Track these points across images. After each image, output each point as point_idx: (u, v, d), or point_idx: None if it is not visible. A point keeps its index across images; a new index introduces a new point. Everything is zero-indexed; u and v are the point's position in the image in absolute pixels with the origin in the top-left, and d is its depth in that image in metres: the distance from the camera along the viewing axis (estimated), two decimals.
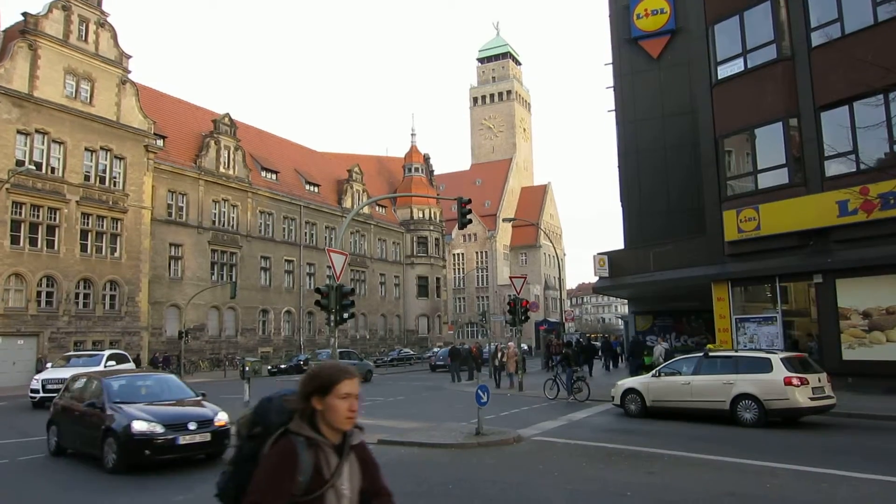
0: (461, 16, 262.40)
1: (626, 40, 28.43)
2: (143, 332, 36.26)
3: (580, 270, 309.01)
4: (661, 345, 23.21)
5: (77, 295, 33.05)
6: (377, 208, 61.28)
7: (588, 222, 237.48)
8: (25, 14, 31.88)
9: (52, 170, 32.50)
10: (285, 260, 48.91)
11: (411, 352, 52.71)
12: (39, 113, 31.77)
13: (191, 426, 9.65)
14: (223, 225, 43.85)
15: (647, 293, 26.86)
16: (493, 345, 28.51)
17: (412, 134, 68.38)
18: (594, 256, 26.06)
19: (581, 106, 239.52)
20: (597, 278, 26.55)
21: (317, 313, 47.72)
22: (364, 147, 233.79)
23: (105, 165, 34.95)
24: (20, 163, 30.24)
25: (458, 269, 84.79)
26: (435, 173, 72.18)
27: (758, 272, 19.12)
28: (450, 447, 11.28)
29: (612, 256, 25.80)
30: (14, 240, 30.50)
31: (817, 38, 18.06)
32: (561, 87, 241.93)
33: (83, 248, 33.43)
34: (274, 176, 49.89)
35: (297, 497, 2.24)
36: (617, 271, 25.25)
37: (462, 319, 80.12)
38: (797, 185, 18.05)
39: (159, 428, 9.39)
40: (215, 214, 43.31)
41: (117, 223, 35.25)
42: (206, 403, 10.78)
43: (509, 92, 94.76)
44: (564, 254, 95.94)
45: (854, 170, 16.63)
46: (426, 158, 68.00)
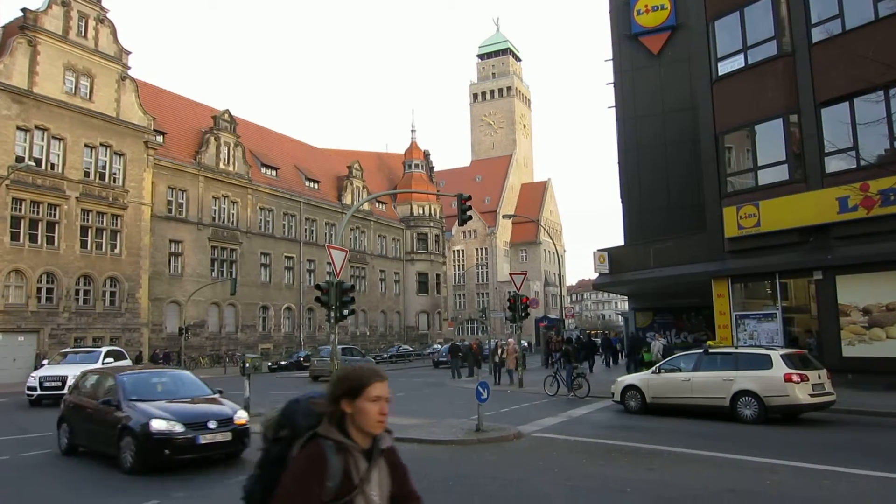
0: (461, 12, 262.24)
1: (627, 36, 28.39)
2: (144, 329, 36.29)
3: (580, 267, 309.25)
4: (660, 341, 23.29)
5: (77, 291, 33.07)
6: (377, 205, 61.25)
7: (588, 219, 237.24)
8: (25, 10, 31.80)
9: (52, 166, 32.49)
10: (285, 256, 48.91)
11: (410, 348, 52.75)
12: (39, 109, 31.74)
13: (211, 425, 9.32)
14: (223, 221, 43.82)
15: (648, 290, 26.87)
16: (494, 341, 28.53)
17: (412, 130, 68.27)
18: (594, 253, 26.08)
19: (581, 102, 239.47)
20: (597, 275, 26.56)
21: (317, 310, 47.71)
22: (364, 143, 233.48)
23: (105, 162, 34.94)
24: (20, 159, 30.26)
25: (458, 266, 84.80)
26: (435, 170, 72.06)
27: (758, 269, 19.13)
28: (450, 444, 11.30)
29: (613, 253, 25.81)
30: (14, 236, 30.49)
31: (818, 34, 18.04)
32: (561, 84, 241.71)
33: (83, 245, 33.43)
34: (274, 172, 49.85)
35: (326, 503, 2.19)
36: (617, 268, 25.26)
37: (462, 316, 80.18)
38: (797, 182, 18.05)
39: (179, 427, 9.04)
40: (215, 211, 43.28)
41: (117, 219, 35.25)
42: (224, 401, 10.47)
43: (509, 88, 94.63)
44: (564, 250, 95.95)
45: (854, 166, 16.66)
46: (426, 155, 67.91)
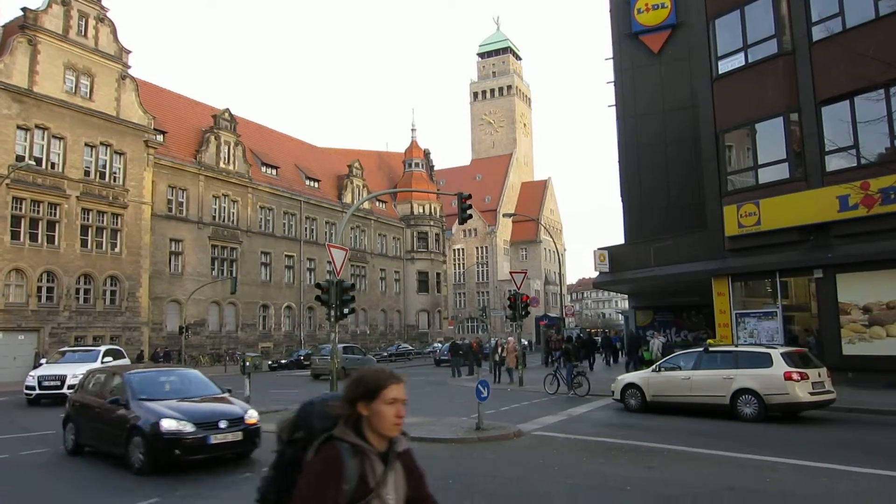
0: (461, 11, 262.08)
1: (627, 35, 28.36)
2: (144, 328, 36.31)
3: (580, 265, 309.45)
4: (658, 339, 23.29)
5: (77, 290, 33.08)
6: (377, 203, 61.25)
7: (588, 217, 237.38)
8: (25, 9, 31.79)
9: (52, 165, 32.50)
10: (285, 255, 48.91)
11: (410, 347, 52.77)
12: (39, 108, 31.74)
13: (221, 424, 9.19)
14: (223, 220, 43.82)
15: (648, 288, 26.86)
16: (494, 340, 28.53)
17: (412, 129, 68.21)
18: (594, 251, 26.09)
19: (581, 101, 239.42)
20: (597, 273, 26.56)
21: (317, 308, 47.74)
22: (364, 142, 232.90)
23: (105, 161, 34.93)
24: (20, 158, 30.27)
25: (459, 265, 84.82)
26: (435, 168, 72.04)
27: (758, 267, 19.12)
28: (450, 442, 11.30)
29: (613, 251, 25.81)
30: (14, 235, 30.51)
31: (818, 33, 18.02)
32: (561, 82, 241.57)
33: (83, 244, 33.44)
34: (274, 171, 49.84)
35: None
36: (617, 266, 25.26)
37: (462, 315, 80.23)
38: (798, 180, 18.04)
39: (189, 426, 8.90)
40: (215, 210, 43.28)
41: (117, 218, 35.26)
42: (234, 400, 10.35)
43: (509, 87, 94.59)
44: (565, 249, 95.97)
45: (855, 164, 16.65)
46: (426, 154, 67.88)
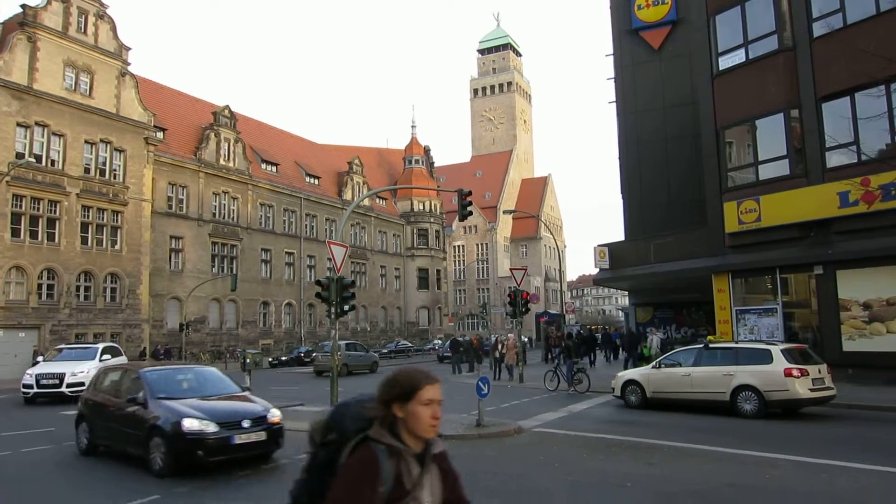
0: (461, 7, 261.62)
1: (627, 31, 28.31)
2: (145, 325, 36.33)
3: (581, 262, 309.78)
4: (657, 335, 23.26)
5: (78, 288, 33.09)
6: (377, 200, 61.22)
7: (589, 214, 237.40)
8: (24, 6, 31.71)
9: (52, 162, 32.46)
10: (286, 252, 48.92)
11: (409, 344, 52.78)
12: (39, 105, 31.70)
13: (245, 424, 8.88)
14: (223, 217, 43.82)
15: (648, 285, 26.87)
16: (494, 337, 28.55)
17: (412, 126, 68.09)
18: (595, 248, 26.07)
19: (582, 97, 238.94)
20: (597, 270, 26.56)
21: (317, 305, 47.75)
22: (364, 139, 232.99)
23: (105, 158, 34.90)
24: (20, 155, 30.25)
25: (459, 261, 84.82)
26: (435, 165, 71.98)
27: (758, 263, 19.11)
28: (450, 438, 11.28)
29: (613, 248, 25.80)
30: (14, 232, 30.50)
31: (819, 29, 17.98)
32: (561, 79, 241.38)
33: (84, 241, 33.43)
34: (274, 168, 49.81)
35: None
36: (617, 263, 25.25)
37: (462, 311, 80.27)
38: (798, 177, 18.02)
39: (212, 426, 8.58)
40: (215, 207, 43.26)
41: (118, 216, 35.25)
42: (255, 398, 10.03)
43: (510, 83, 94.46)
44: (565, 245, 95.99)
45: (855, 161, 16.60)
46: (426, 150, 67.82)
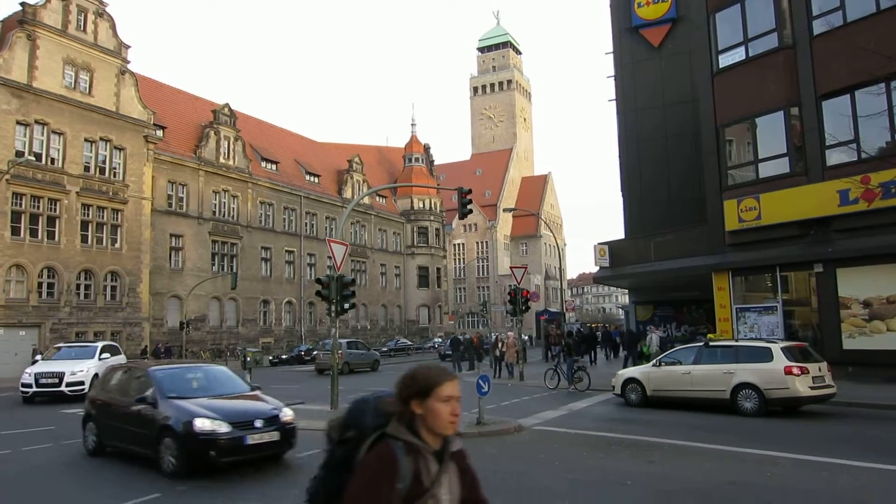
0: (461, 5, 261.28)
1: (627, 29, 28.29)
2: (145, 323, 36.34)
3: (581, 260, 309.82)
4: (656, 333, 23.24)
5: (78, 286, 33.09)
6: (377, 198, 61.20)
7: (589, 212, 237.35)
8: (24, 4, 31.69)
9: (52, 161, 32.45)
10: (286, 250, 48.93)
11: (409, 342, 52.80)
12: (39, 103, 31.69)
13: (257, 423, 8.74)
14: (223, 215, 43.83)
15: (648, 283, 26.87)
16: (494, 335, 28.56)
17: (412, 124, 68.15)
18: (595, 246, 26.05)
19: (582, 95, 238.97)
20: (597, 268, 26.55)
21: (318, 304, 47.73)
22: (364, 137, 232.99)
23: (105, 156, 34.89)
24: (20, 154, 30.22)
25: (459, 259, 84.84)
26: (435, 163, 71.98)
27: (758, 262, 19.11)
28: None
29: (613, 246, 25.79)
30: (14, 231, 30.51)
31: (819, 27, 17.97)
32: (561, 77, 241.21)
33: (84, 239, 33.44)
34: (274, 166, 49.80)
35: None
36: (617, 261, 25.25)
37: (463, 309, 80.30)
38: (798, 175, 18.01)
39: (225, 426, 8.42)
40: (215, 205, 43.27)
41: (117, 214, 35.24)
42: (266, 397, 9.87)
43: (509, 81, 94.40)
44: (565, 243, 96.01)
45: (855, 159, 16.59)
46: (426, 148, 67.81)
